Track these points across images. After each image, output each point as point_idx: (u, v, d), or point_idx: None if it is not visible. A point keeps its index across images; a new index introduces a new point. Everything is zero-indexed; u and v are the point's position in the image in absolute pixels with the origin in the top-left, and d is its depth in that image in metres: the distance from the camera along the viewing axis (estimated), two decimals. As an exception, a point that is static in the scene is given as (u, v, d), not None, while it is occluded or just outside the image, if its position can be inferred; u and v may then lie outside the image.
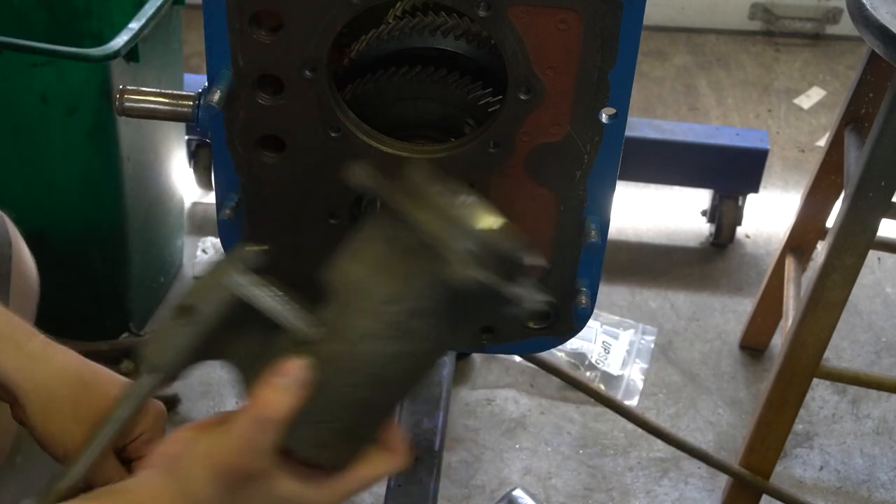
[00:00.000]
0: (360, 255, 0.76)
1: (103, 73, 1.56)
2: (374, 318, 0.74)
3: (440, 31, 0.97)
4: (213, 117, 0.96)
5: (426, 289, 0.73)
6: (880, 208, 1.37)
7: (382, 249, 0.75)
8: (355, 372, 0.75)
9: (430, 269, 0.73)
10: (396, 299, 0.73)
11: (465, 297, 0.74)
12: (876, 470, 1.77)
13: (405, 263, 0.73)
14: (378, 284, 0.74)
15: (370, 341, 0.74)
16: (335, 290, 0.76)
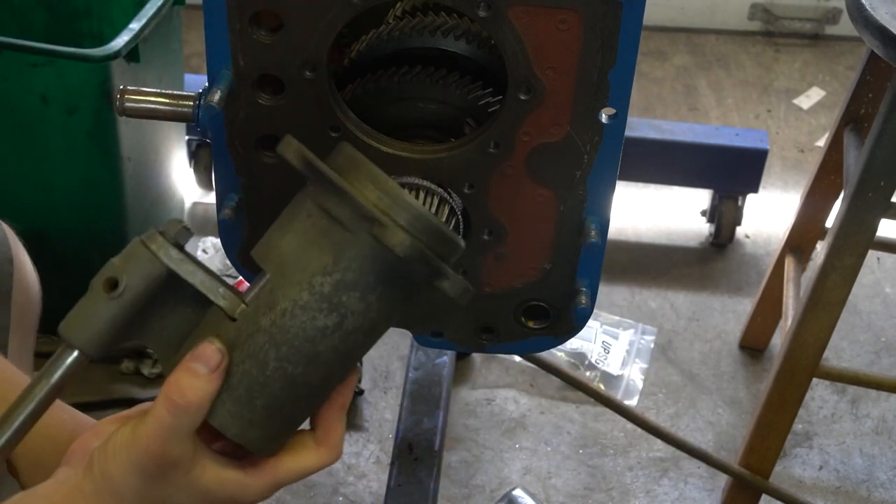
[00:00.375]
0: (287, 230, 0.74)
1: (103, 73, 1.56)
2: (303, 289, 0.72)
3: (440, 31, 0.97)
4: (213, 117, 0.96)
5: (356, 261, 0.72)
6: (880, 208, 1.37)
7: (310, 224, 0.74)
8: (284, 344, 0.73)
9: (361, 240, 0.72)
10: (327, 271, 0.72)
11: (397, 273, 0.74)
12: (875, 469, 1.77)
13: (334, 236, 0.73)
14: (307, 257, 0.73)
15: (300, 312, 0.72)
16: (262, 266, 0.75)
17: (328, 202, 0.73)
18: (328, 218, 0.73)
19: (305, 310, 0.72)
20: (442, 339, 1.11)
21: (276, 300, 0.73)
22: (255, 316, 0.73)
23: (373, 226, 0.71)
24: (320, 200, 0.73)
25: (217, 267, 2.02)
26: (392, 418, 1.78)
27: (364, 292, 0.73)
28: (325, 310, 0.73)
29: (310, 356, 0.73)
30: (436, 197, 0.98)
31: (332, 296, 0.72)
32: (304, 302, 0.72)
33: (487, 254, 1.03)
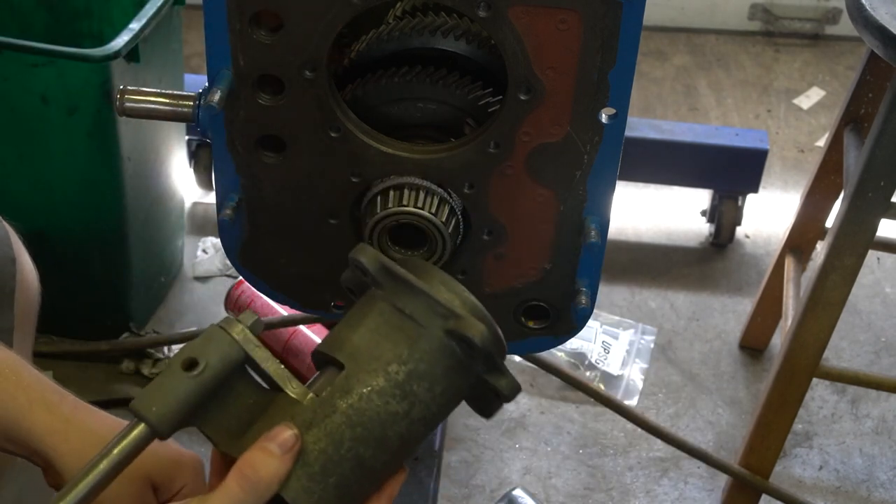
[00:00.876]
0: (359, 326, 0.80)
1: (103, 73, 1.56)
2: (379, 376, 0.77)
3: (440, 31, 0.97)
4: (213, 117, 0.96)
5: (428, 353, 0.78)
6: (880, 208, 1.37)
7: (383, 321, 0.80)
8: (359, 426, 0.77)
9: (433, 335, 0.78)
10: (402, 360, 0.78)
11: (461, 367, 0.79)
12: (875, 469, 1.77)
13: (407, 331, 0.79)
14: (381, 349, 0.78)
15: (376, 397, 0.77)
16: (332, 358, 0.79)
17: (402, 300, 0.79)
18: (401, 315, 0.79)
19: (381, 395, 0.77)
20: (442, 339, 1.11)
21: (352, 386, 0.77)
22: (331, 400, 0.77)
23: (448, 321, 0.78)
24: (394, 300, 0.80)
25: (217, 267, 2.03)
26: (392, 418, 1.78)
27: (432, 383, 0.79)
28: (397, 396, 0.77)
29: (379, 440, 0.78)
30: (436, 197, 0.98)
31: (406, 384, 0.78)
32: (380, 388, 0.77)
33: (487, 254, 1.03)
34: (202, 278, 2.02)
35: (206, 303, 1.97)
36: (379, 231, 0.98)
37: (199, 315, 1.94)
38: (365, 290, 0.83)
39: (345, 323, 0.81)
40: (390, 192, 0.98)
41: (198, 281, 2.01)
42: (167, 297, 1.96)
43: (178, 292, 1.98)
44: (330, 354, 0.79)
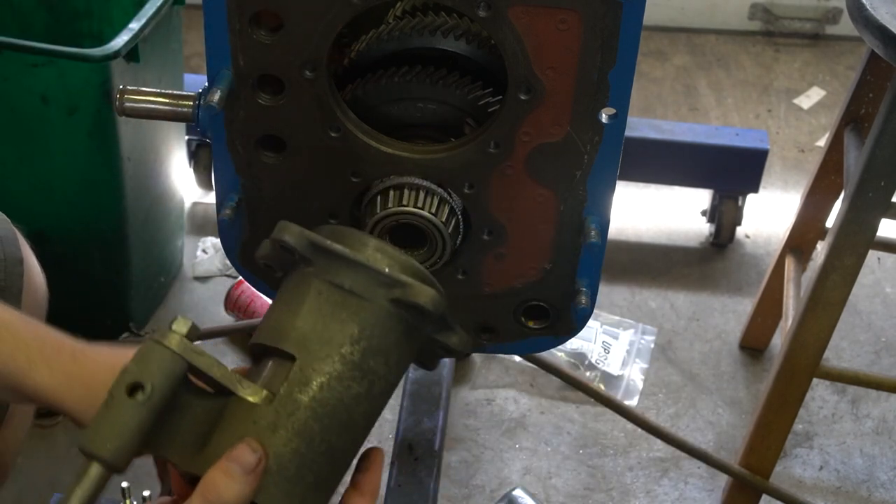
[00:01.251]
0: (298, 311, 0.76)
1: (103, 73, 1.56)
2: (335, 361, 0.74)
3: (440, 31, 0.97)
4: (213, 117, 0.96)
5: (378, 326, 0.76)
6: (880, 208, 1.37)
7: (323, 300, 0.76)
8: (326, 417, 0.74)
9: (379, 306, 0.75)
10: (353, 340, 0.75)
11: (411, 333, 0.77)
12: (875, 470, 1.77)
13: (351, 307, 0.75)
14: (330, 332, 0.75)
15: (336, 384, 0.74)
16: (278, 349, 0.75)
17: (339, 275, 0.76)
18: (342, 291, 0.76)
19: (341, 380, 0.74)
20: (442, 339, 1.11)
21: (310, 376, 0.74)
22: (290, 396, 0.74)
23: (393, 289, 0.75)
24: (329, 276, 0.76)
25: (217, 267, 2.02)
26: (392, 418, 1.78)
27: (387, 355, 0.76)
28: (357, 377, 0.75)
29: (347, 424, 0.75)
30: (436, 197, 0.98)
31: (362, 363, 0.75)
32: (338, 373, 0.74)
33: (487, 254, 1.03)
34: (202, 278, 2.02)
35: (206, 303, 1.97)
36: (379, 231, 0.99)
37: (199, 315, 1.94)
38: (290, 269, 0.79)
39: (281, 308, 0.77)
40: (390, 191, 0.98)
41: (198, 281, 2.01)
42: (167, 297, 1.96)
43: (177, 292, 1.98)
44: (276, 346, 0.76)
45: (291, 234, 0.77)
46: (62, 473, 1.66)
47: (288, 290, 0.78)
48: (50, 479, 1.65)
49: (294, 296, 0.77)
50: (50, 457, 1.68)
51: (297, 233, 0.77)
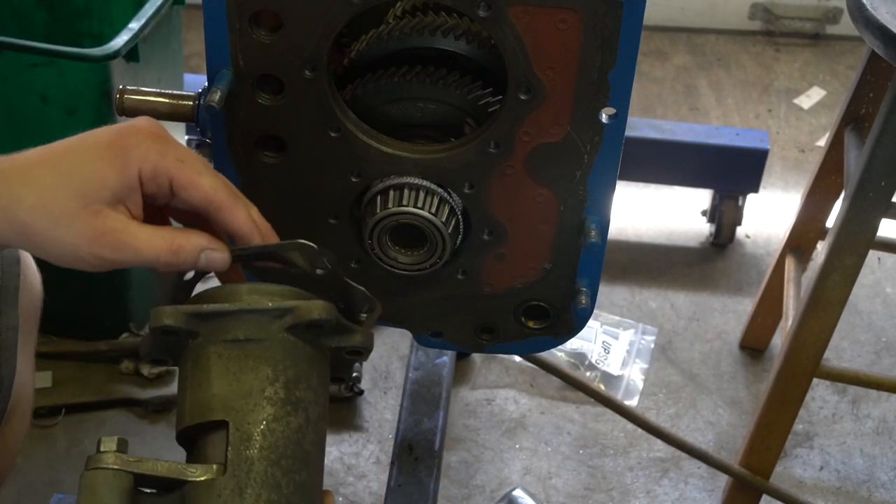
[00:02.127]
0: (208, 380, 0.76)
1: (103, 73, 1.56)
2: (263, 407, 0.74)
3: (440, 31, 0.97)
4: (213, 117, 0.96)
5: (287, 357, 0.76)
6: (880, 208, 1.37)
7: (225, 360, 0.76)
8: (282, 458, 0.74)
9: (278, 339, 0.76)
10: (271, 379, 0.75)
11: (317, 349, 0.78)
12: (876, 470, 1.77)
13: (255, 353, 0.76)
14: (247, 384, 0.75)
15: (276, 425, 0.74)
16: (207, 424, 0.75)
17: (228, 332, 0.76)
18: (238, 344, 0.76)
19: (278, 420, 0.74)
20: (442, 339, 1.11)
21: (249, 431, 0.74)
22: (240, 455, 0.73)
23: (283, 318, 0.76)
24: (220, 337, 0.76)
25: (217, 267, 2.02)
26: (392, 418, 1.78)
27: (308, 380, 0.77)
28: (291, 411, 0.75)
29: (303, 457, 0.75)
30: (436, 197, 0.97)
31: (289, 396, 0.75)
32: (272, 415, 0.74)
33: (487, 254, 1.03)
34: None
35: (206, 303, 1.97)
36: (379, 231, 0.98)
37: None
38: (180, 350, 0.78)
39: (192, 387, 0.77)
40: (390, 192, 0.98)
41: (197, 281, 2.01)
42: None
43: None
44: (204, 421, 0.75)
45: (169, 316, 0.76)
46: (62, 473, 1.66)
47: (189, 369, 0.77)
48: (50, 479, 1.65)
49: (197, 371, 0.77)
50: (50, 457, 1.68)
51: (173, 312, 0.77)
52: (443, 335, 1.10)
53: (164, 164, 0.80)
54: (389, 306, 1.08)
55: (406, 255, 1.00)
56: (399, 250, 1.00)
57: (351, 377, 0.83)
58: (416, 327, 1.10)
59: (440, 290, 1.06)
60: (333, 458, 1.72)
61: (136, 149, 0.79)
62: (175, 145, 0.83)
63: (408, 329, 1.11)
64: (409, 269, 1.01)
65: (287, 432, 0.74)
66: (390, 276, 1.03)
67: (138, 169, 0.79)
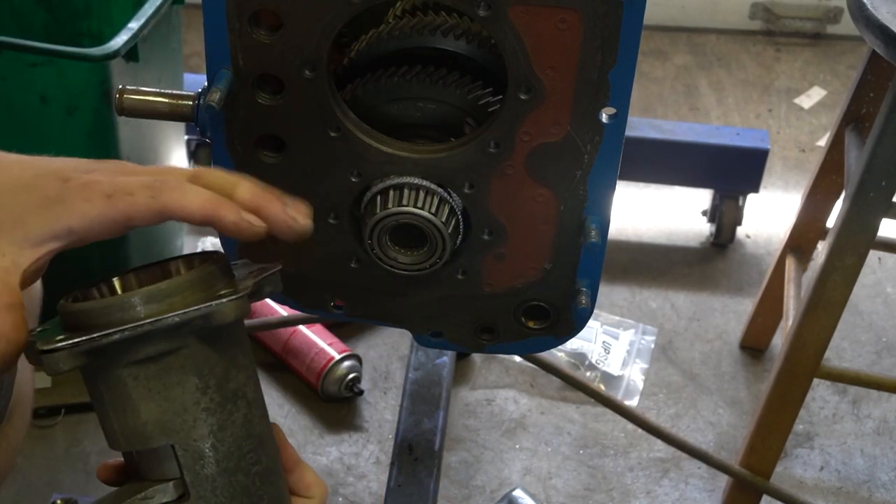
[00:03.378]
0: (132, 406, 0.69)
1: (103, 72, 1.56)
2: (204, 420, 0.70)
3: (440, 30, 0.97)
4: (212, 117, 0.96)
5: (208, 359, 0.70)
6: (881, 208, 1.37)
7: (144, 381, 0.69)
8: (241, 461, 0.71)
9: (192, 344, 0.69)
10: (201, 388, 0.70)
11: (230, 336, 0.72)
12: (876, 470, 1.77)
13: (174, 365, 0.69)
14: (177, 400, 0.69)
15: (223, 434, 0.71)
16: (150, 445, 0.70)
17: (138, 352, 0.68)
18: (153, 361, 0.68)
19: (223, 427, 0.71)
20: (442, 340, 1.11)
21: (198, 448, 0.70)
22: (198, 476, 0.70)
23: (193, 324, 0.68)
24: (129, 358, 0.68)
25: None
26: (392, 418, 1.78)
27: (235, 370, 0.71)
28: (231, 409, 0.71)
29: (257, 443, 0.72)
30: (436, 197, 0.97)
31: (224, 395, 0.71)
32: (216, 423, 0.70)
33: (487, 254, 1.03)
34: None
35: (205, 303, 1.97)
36: (379, 231, 0.98)
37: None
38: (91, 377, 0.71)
39: (116, 414, 0.70)
40: (390, 191, 0.97)
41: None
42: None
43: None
44: (143, 449, 0.70)
45: (66, 361, 0.66)
46: (62, 473, 1.66)
47: (104, 393, 0.70)
48: (49, 479, 1.65)
49: (115, 397, 0.69)
50: (49, 457, 1.68)
51: (68, 357, 0.66)
52: (443, 335, 1.10)
53: None
54: (389, 306, 1.08)
55: (406, 255, 1.00)
56: (399, 250, 1.00)
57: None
58: (416, 327, 1.10)
59: (440, 290, 1.06)
60: (333, 458, 1.72)
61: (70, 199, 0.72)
62: None
63: (408, 329, 1.10)
64: (409, 269, 1.01)
65: (235, 431, 0.71)
66: (390, 276, 1.03)
67: None
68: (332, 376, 1.78)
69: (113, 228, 0.71)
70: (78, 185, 0.71)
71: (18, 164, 0.76)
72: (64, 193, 0.71)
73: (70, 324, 0.70)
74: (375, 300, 1.07)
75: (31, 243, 0.71)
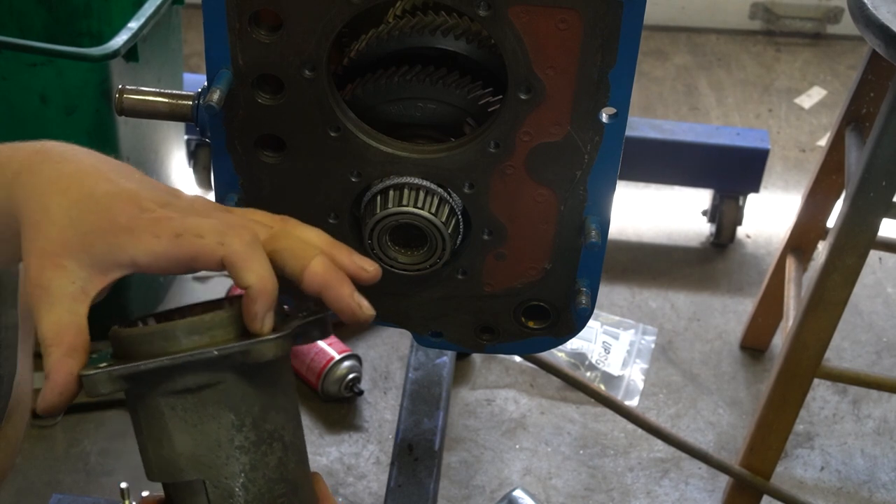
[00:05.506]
0: (167, 437, 0.69)
1: (103, 72, 1.56)
2: (237, 458, 0.69)
3: (440, 30, 0.97)
4: (212, 117, 0.96)
5: (247, 396, 0.69)
6: (881, 208, 1.37)
7: (181, 412, 0.68)
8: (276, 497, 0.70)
9: (232, 379, 0.68)
10: (237, 425, 0.69)
11: (273, 373, 0.71)
12: (877, 470, 1.77)
13: (212, 399, 0.69)
14: (212, 434, 0.69)
15: (255, 474, 0.70)
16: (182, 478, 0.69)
17: (177, 382, 0.68)
18: (191, 393, 0.68)
19: (255, 467, 0.70)
20: (442, 340, 1.11)
21: (229, 487, 0.69)
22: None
23: (233, 359, 0.67)
24: (168, 388, 0.68)
25: (217, 267, 2.02)
26: (392, 418, 1.78)
27: (274, 411, 0.71)
28: (266, 450, 0.70)
29: (291, 486, 0.71)
30: (436, 197, 0.97)
31: (260, 435, 0.70)
32: (249, 463, 0.69)
33: (487, 254, 1.03)
34: (201, 278, 2.01)
35: (205, 303, 1.97)
36: (379, 231, 0.98)
37: (199, 315, 1.94)
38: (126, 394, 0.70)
39: (152, 443, 0.70)
40: (390, 191, 0.97)
41: (197, 281, 2.01)
42: (166, 297, 1.96)
43: (177, 292, 1.98)
44: (175, 482, 0.70)
45: (104, 384, 0.67)
46: (61, 473, 1.66)
47: (142, 420, 0.70)
48: (49, 479, 1.65)
49: (152, 425, 0.69)
50: (49, 457, 1.68)
51: (107, 378, 0.67)
52: (443, 335, 1.10)
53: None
54: (389, 306, 1.08)
55: (406, 255, 1.00)
56: (399, 250, 1.00)
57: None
58: (416, 327, 1.10)
59: (440, 290, 1.06)
60: (333, 458, 1.72)
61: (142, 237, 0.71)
62: None
63: (408, 329, 1.10)
64: (409, 269, 1.01)
65: (268, 473, 0.70)
66: (390, 276, 1.02)
67: None
68: (332, 376, 1.78)
69: (175, 267, 0.71)
70: (150, 219, 0.70)
71: (94, 174, 0.72)
72: (135, 224, 0.70)
73: (117, 349, 0.70)
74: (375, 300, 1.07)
75: (98, 270, 0.71)
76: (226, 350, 0.67)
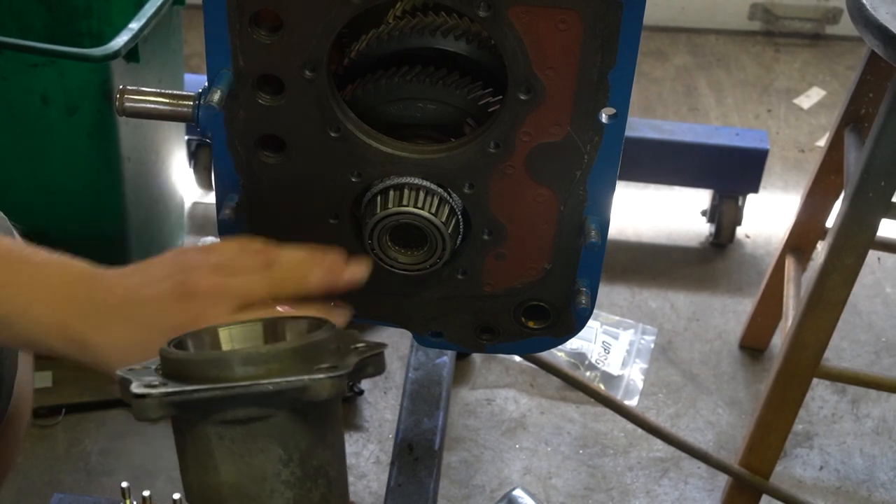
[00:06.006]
0: (211, 465, 0.68)
1: (103, 73, 1.56)
2: (282, 493, 0.68)
3: (440, 31, 0.97)
4: (213, 117, 0.96)
5: (295, 432, 0.68)
6: (880, 208, 1.37)
7: (229, 442, 0.68)
8: None
9: (282, 415, 0.68)
10: (285, 461, 0.68)
11: (327, 407, 0.70)
12: (876, 470, 1.77)
13: (261, 432, 0.68)
14: (258, 468, 0.68)
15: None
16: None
17: (229, 412, 0.67)
18: (241, 424, 0.67)
19: (300, 501, 0.69)
20: (442, 339, 1.11)
21: None
22: None
23: (288, 394, 0.66)
24: (219, 417, 0.67)
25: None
26: (392, 418, 1.78)
27: (321, 447, 0.70)
28: (311, 486, 0.69)
29: None
30: (436, 197, 0.98)
31: (306, 472, 0.69)
32: (293, 498, 0.69)
33: (487, 254, 1.03)
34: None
35: (206, 303, 1.97)
36: (379, 231, 0.98)
37: (199, 315, 1.94)
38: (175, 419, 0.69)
39: (196, 470, 0.69)
40: (390, 192, 0.98)
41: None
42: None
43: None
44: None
45: (154, 410, 0.66)
46: (62, 473, 1.66)
47: (188, 446, 0.69)
48: (50, 479, 1.65)
49: (198, 451, 0.69)
50: (50, 457, 1.68)
51: (158, 405, 0.65)
52: (443, 335, 1.10)
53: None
54: (389, 306, 1.08)
55: (406, 255, 1.00)
56: (399, 250, 1.00)
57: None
58: (416, 327, 1.10)
59: (440, 290, 1.06)
60: (333, 458, 1.72)
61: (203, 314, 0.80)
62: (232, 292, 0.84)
63: (408, 329, 1.11)
64: (409, 269, 1.01)
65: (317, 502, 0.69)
66: (390, 276, 1.03)
67: None
68: (333, 376, 1.78)
69: None
70: None
71: None
72: None
73: (167, 369, 0.69)
74: (375, 300, 1.07)
75: None
76: (280, 385, 0.66)
